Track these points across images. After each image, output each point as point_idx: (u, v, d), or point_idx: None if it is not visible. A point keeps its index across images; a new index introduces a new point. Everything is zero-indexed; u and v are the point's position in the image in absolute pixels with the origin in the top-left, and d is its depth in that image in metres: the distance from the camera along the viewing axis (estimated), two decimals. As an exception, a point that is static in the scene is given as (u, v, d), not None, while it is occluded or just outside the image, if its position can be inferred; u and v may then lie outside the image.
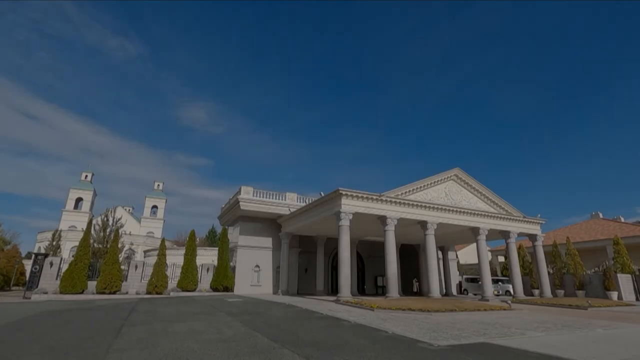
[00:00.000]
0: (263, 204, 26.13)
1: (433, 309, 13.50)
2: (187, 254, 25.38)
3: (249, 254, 27.00)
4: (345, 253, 18.46)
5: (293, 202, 27.20)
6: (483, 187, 24.15)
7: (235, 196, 26.45)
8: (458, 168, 23.48)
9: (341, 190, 18.67)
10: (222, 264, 25.72)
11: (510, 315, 13.57)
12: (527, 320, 12.20)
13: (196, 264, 25.78)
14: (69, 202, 65.28)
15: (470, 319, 12.07)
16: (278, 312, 12.75)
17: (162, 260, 24.33)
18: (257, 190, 26.58)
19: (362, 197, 19.38)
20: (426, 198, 21.92)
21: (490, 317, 13.00)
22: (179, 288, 24.41)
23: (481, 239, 23.36)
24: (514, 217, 25.05)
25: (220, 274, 25.46)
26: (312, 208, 21.83)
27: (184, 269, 24.77)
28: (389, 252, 19.52)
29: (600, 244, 37.45)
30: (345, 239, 18.68)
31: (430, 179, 22.27)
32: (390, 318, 11.68)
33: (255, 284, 26.73)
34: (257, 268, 27.20)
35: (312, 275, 28.95)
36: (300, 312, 13.09)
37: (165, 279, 24.00)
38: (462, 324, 10.81)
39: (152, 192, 75.60)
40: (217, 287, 25.26)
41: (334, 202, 19.53)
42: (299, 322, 10.32)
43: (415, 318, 11.88)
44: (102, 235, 27.49)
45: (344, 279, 17.99)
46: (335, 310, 13.80)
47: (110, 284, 22.08)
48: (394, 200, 20.18)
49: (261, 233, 28.10)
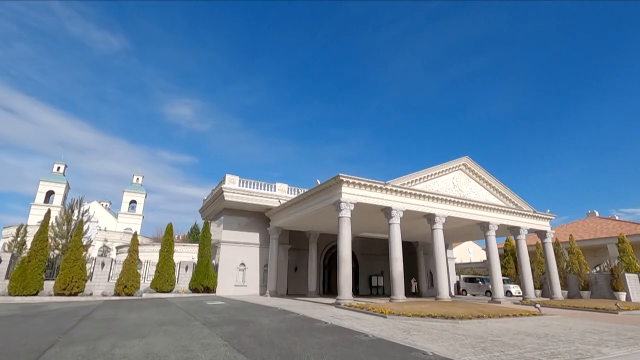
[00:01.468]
0: (250, 195, 23.41)
1: (457, 315, 11.18)
2: (162, 250, 22.43)
3: (233, 251, 24.24)
4: (346, 250, 15.99)
5: (283, 194, 24.59)
6: (493, 179, 22.10)
7: (219, 186, 23.63)
8: (467, 157, 21.36)
9: (342, 177, 16.20)
10: (203, 262, 22.88)
11: (548, 323, 11.36)
12: (577, 329, 9.99)
13: (173, 262, 22.88)
14: (39, 195, 60.48)
15: (507, 328, 9.78)
16: (269, 321, 10.17)
17: (134, 257, 21.34)
18: (244, 180, 23.85)
19: (365, 185, 16.96)
20: (433, 188, 19.68)
21: (527, 325, 10.76)
22: (153, 289, 21.47)
23: (491, 235, 21.28)
24: (524, 212, 23.11)
25: (200, 273, 22.61)
26: (307, 198, 19.28)
27: (159, 267, 21.82)
28: (394, 248, 17.16)
29: (600, 242, 36.24)
30: (346, 233, 16.22)
31: (437, 167, 20.05)
32: (412, 328, 9.27)
33: (240, 284, 24.00)
34: (243, 266, 24.47)
35: (303, 274, 26.40)
36: (297, 320, 10.54)
37: (136, 279, 21.03)
38: (506, 335, 8.49)
39: (130, 186, 71.29)
40: (197, 287, 22.41)
41: (333, 191, 17.04)
42: (299, 337, 7.78)
43: (443, 328, 9.51)
44: (65, 229, 24.21)
45: (345, 280, 15.53)
46: (340, 317, 11.32)
47: (70, 284, 18.99)
48: (399, 189, 17.84)
49: (247, 228, 25.36)
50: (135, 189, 70.96)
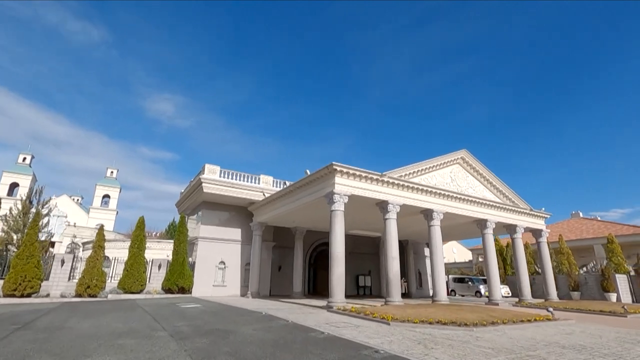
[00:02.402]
0: (232, 186, 21.47)
1: (469, 321, 9.76)
2: (133, 246, 20.23)
3: (212, 248, 22.24)
4: (339, 247, 14.38)
5: (268, 187, 22.77)
6: (491, 174, 21.00)
7: (198, 176, 21.58)
8: (465, 150, 20.15)
9: (336, 166, 14.58)
10: (178, 260, 20.79)
11: (569, 329, 10.10)
12: (608, 337, 8.72)
13: (145, 259, 20.73)
14: (1, 187, 56.10)
15: (533, 338, 8.40)
16: (253, 330, 8.43)
17: (99, 253, 19.06)
18: (225, 171, 21.88)
19: (360, 176, 15.41)
20: (430, 182, 18.34)
21: (549, 332, 9.45)
22: (120, 289, 19.26)
23: (488, 233, 20.15)
24: (521, 210, 22.15)
25: (175, 272, 20.52)
26: (295, 190, 17.57)
27: (128, 265, 19.62)
28: (391, 246, 15.70)
29: (587, 243, 36.14)
30: (339, 229, 14.61)
31: (435, 160, 18.72)
32: (426, 339, 7.75)
33: (220, 284, 22.04)
34: (222, 265, 22.51)
35: (288, 274, 24.67)
36: (286, 328, 8.85)
37: (101, 278, 18.78)
38: (539, 348, 7.09)
39: (104, 180, 67.40)
40: (171, 288, 20.31)
41: (325, 182, 15.40)
42: (292, 354, 6.11)
43: (461, 338, 8.03)
44: (21, 222, 21.61)
45: (337, 280, 13.91)
46: (336, 324, 9.69)
47: (22, 283, 16.61)
48: (397, 182, 16.38)
49: (228, 223, 23.40)
50: (109, 183, 67.14)
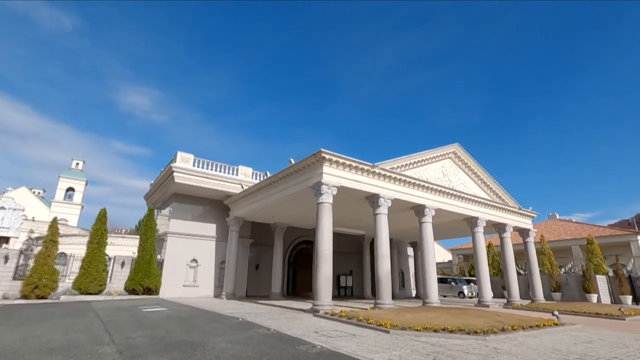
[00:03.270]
0: (207, 177, 19.58)
1: (478, 328, 8.54)
2: (92, 242, 18.01)
3: (183, 245, 20.25)
4: (326, 243, 12.92)
5: (247, 179, 21.02)
6: (482, 171, 20.16)
7: (169, 165, 19.55)
8: (457, 144, 19.19)
9: (324, 153, 13.12)
10: (145, 257, 18.72)
11: (585, 337, 9.07)
12: (634, 346, 7.69)
13: (106, 256, 18.54)
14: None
15: (558, 350, 7.25)
16: (228, 343, 6.82)
17: (51, 249, 16.76)
18: (200, 160, 19.97)
19: (351, 166, 14.02)
20: (423, 176, 17.22)
21: (565, 340, 8.36)
22: (76, 290, 17.03)
23: (479, 232, 19.28)
24: (510, 208, 21.47)
25: (140, 271, 18.42)
26: (278, 181, 15.96)
27: (85, 263, 17.38)
28: (381, 243, 14.39)
29: (565, 244, 36.44)
30: (327, 223, 13.15)
31: (427, 153, 17.62)
32: (440, 353, 6.42)
33: (191, 284, 20.09)
34: (195, 263, 20.56)
35: (265, 273, 22.99)
36: (269, 339, 7.28)
37: (53, 277, 16.52)
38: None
39: (68, 172, 62.90)
40: (136, 288, 18.21)
41: (311, 171, 13.90)
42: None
43: (479, 350, 6.75)
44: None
45: (324, 280, 12.43)
46: (327, 332, 8.22)
47: (-47, 283, 14.22)
48: (389, 174, 15.10)
49: (202, 218, 21.46)
50: (73, 175, 62.70)
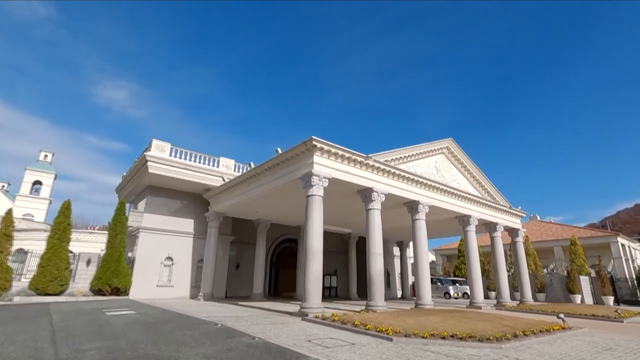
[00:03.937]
0: (185, 168, 18.08)
1: (489, 334, 7.61)
2: (53, 237, 16.22)
3: (157, 241, 18.65)
4: (316, 240, 11.78)
5: (229, 171, 19.62)
6: (475, 167, 19.52)
7: (143, 153, 17.92)
8: (451, 139, 18.46)
9: (315, 142, 11.97)
10: (114, 254, 17.04)
11: (604, 343, 8.29)
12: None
13: (69, 253, 16.78)
14: None
15: (577, 356, 6.39)
16: (203, 358, 5.56)
17: (4, 244, 14.94)
18: (177, 149, 18.45)
19: (343, 157, 12.93)
20: (417, 171, 16.35)
21: (584, 347, 7.55)
22: (32, 290, 15.20)
23: (471, 230, 18.60)
24: (501, 207, 20.95)
25: (108, 269, 16.72)
26: (263, 172, 14.69)
27: (45, 260, 15.58)
28: (374, 240, 13.39)
29: (548, 245, 36.62)
30: (317, 217, 12.01)
31: (421, 147, 16.77)
32: (459, 367, 5.39)
33: (165, 284, 18.52)
34: (170, 261, 18.99)
35: (246, 273, 21.66)
36: (255, 352, 6.06)
37: (6, 275, 14.77)
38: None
39: (35, 164, 59.11)
40: (102, 288, 16.51)
41: (301, 161, 12.72)
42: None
43: (501, 363, 5.78)
44: None
45: (314, 280, 11.29)
46: (321, 341, 7.08)
47: None
48: (384, 167, 14.12)
49: (179, 212, 19.89)
50: (41, 168, 58.95)
